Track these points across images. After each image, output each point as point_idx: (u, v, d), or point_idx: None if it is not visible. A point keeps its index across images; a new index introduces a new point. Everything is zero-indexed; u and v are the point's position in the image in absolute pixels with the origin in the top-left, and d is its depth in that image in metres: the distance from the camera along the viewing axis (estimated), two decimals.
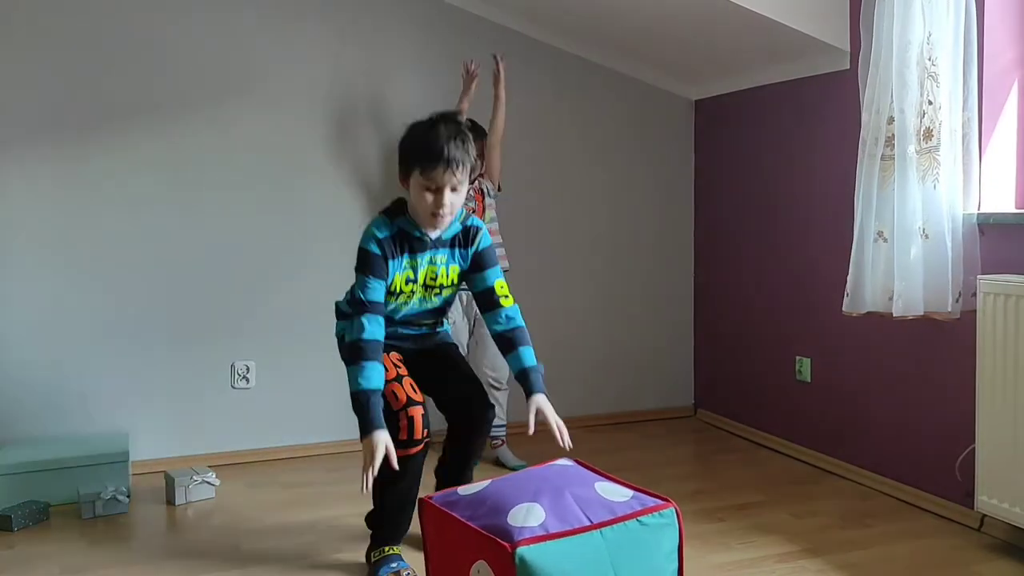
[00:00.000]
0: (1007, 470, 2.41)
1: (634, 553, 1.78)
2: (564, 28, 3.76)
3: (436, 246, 2.30)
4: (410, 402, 2.26)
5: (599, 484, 1.91)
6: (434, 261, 2.31)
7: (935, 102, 2.57)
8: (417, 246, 2.28)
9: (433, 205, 2.17)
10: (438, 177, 2.14)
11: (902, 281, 2.62)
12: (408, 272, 2.28)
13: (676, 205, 4.10)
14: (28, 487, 2.85)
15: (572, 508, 1.79)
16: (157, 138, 3.28)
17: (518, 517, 1.75)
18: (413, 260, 2.28)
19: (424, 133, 2.18)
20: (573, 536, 1.72)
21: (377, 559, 2.38)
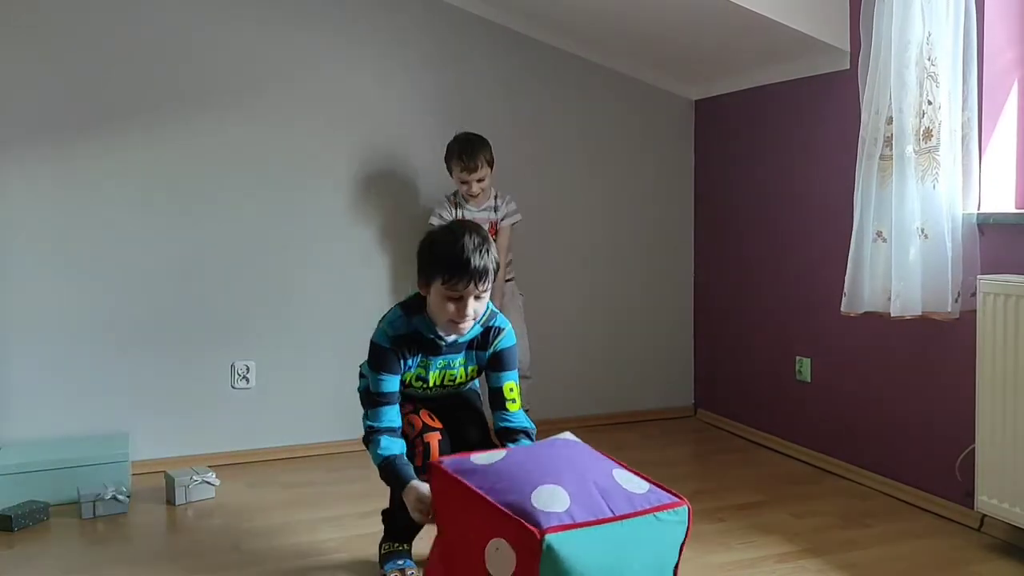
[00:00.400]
0: (1007, 470, 2.41)
1: (646, 547, 1.77)
2: (564, 28, 3.76)
3: (452, 351, 2.26)
4: (426, 428, 2.26)
5: (616, 472, 1.87)
6: (450, 365, 2.28)
7: (935, 102, 2.57)
8: (431, 349, 2.24)
9: (456, 315, 2.11)
10: (462, 288, 2.09)
11: (901, 281, 2.62)
12: (420, 371, 2.26)
13: (676, 205, 4.10)
14: (28, 487, 2.85)
15: (595, 497, 1.75)
16: (158, 139, 3.28)
17: (543, 499, 1.70)
18: (426, 360, 2.25)
19: (450, 245, 2.10)
20: (597, 527, 1.69)
21: (387, 552, 2.42)
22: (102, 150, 3.21)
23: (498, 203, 3.42)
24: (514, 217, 3.45)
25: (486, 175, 3.34)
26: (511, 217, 3.44)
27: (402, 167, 3.62)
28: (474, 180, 3.31)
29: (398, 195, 3.60)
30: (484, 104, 3.69)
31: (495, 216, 3.41)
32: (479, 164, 3.30)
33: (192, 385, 3.36)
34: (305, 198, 3.47)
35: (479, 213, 3.38)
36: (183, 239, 3.32)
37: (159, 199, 3.29)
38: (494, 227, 3.41)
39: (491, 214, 3.41)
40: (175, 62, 3.28)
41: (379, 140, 3.56)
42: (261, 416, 3.45)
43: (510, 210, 3.44)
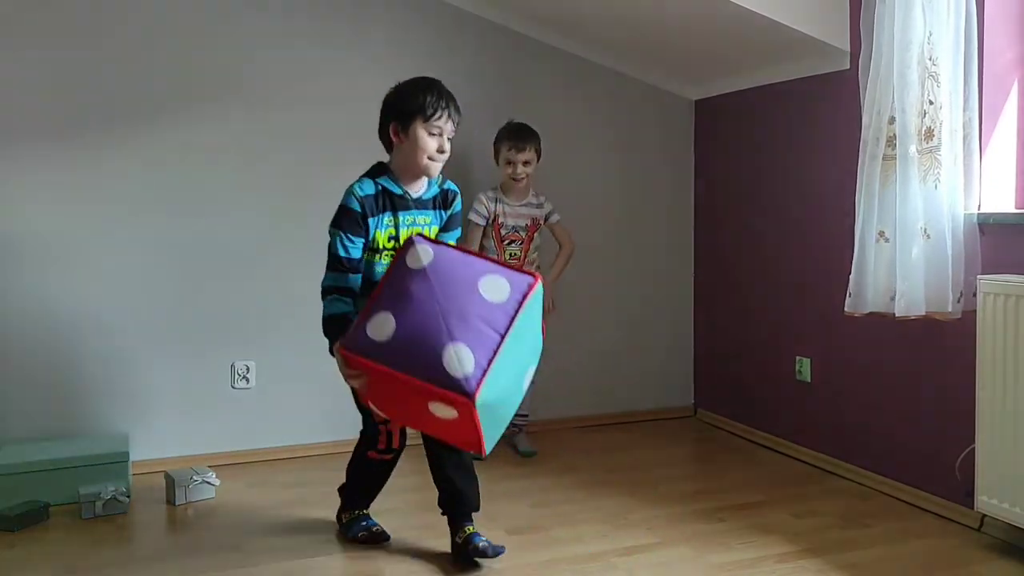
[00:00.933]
0: (1007, 470, 2.41)
1: (526, 332, 2.13)
2: (564, 28, 3.76)
3: (419, 206, 2.43)
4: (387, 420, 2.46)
5: (481, 285, 2.10)
6: (417, 222, 2.43)
7: (936, 102, 2.57)
8: (399, 204, 2.40)
9: (436, 151, 2.36)
10: (443, 123, 2.36)
11: (904, 281, 2.62)
12: (391, 230, 2.40)
13: (676, 205, 4.10)
14: (28, 487, 2.85)
15: (483, 331, 2.04)
16: (159, 139, 3.28)
17: (453, 365, 1.98)
18: (396, 218, 2.40)
19: (428, 86, 2.39)
20: (497, 357, 2.02)
21: (349, 520, 2.63)
22: (102, 150, 3.21)
23: (540, 200, 3.47)
24: (554, 216, 3.51)
25: (532, 160, 3.37)
26: (552, 216, 3.50)
27: None
28: (520, 161, 3.33)
29: None
30: (484, 104, 3.69)
31: (537, 212, 3.44)
32: (528, 145, 3.35)
33: (192, 385, 3.36)
34: (306, 198, 3.46)
35: (520, 207, 3.41)
36: (183, 239, 3.32)
37: (159, 199, 3.29)
38: (535, 224, 3.44)
39: (533, 210, 3.44)
40: (176, 62, 3.28)
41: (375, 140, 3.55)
42: (261, 416, 3.45)
43: (548, 208, 3.49)
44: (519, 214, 3.41)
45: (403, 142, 2.38)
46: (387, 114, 2.42)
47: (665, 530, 2.68)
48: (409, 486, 3.13)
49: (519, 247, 3.42)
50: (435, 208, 2.48)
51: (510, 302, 2.10)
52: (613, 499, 2.97)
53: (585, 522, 2.75)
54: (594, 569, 2.41)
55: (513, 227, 3.40)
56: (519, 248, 3.42)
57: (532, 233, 3.44)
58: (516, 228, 3.40)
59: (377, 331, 2.08)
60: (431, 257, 2.16)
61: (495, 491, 3.06)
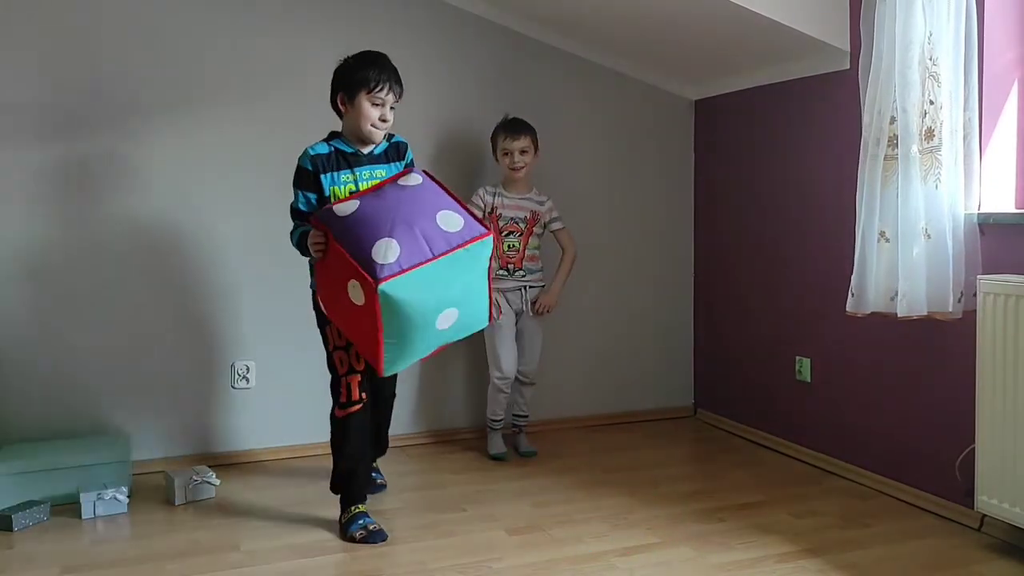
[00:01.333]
0: (1007, 470, 2.41)
1: (461, 274, 2.40)
2: (564, 28, 3.76)
3: (373, 161, 2.71)
4: (350, 371, 2.70)
5: (440, 214, 2.42)
6: (375, 175, 2.69)
7: (936, 102, 2.57)
8: (354, 161, 2.69)
9: (378, 120, 2.64)
10: (384, 95, 2.63)
11: (906, 281, 2.62)
12: (350, 185, 2.67)
13: (676, 205, 4.10)
14: (28, 487, 2.85)
15: (419, 242, 2.33)
16: (159, 139, 3.28)
17: (379, 252, 2.29)
18: (354, 173, 2.67)
19: (373, 61, 2.66)
20: (420, 268, 2.30)
21: (346, 520, 2.68)
22: (103, 149, 3.21)
23: (541, 197, 3.46)
24: (557, 223, 3.50)
25: (530, 150, 3.38)
26: (555, 223, 3.49)
27: None
28: (517, 150, 3.34)
29: None
30: (484, 104, 3.69)
31: (538, 208, 3.44)
32: (523, 135, 3.36)
33: (192, 385, 3.36)
34: None
35: (520, 200, 3.42)
36: (183, 239, 3.32)
37: (160, 199, 3.29)
38: (535, 218, 3.43)
39: (533, 204, 3.44)
40: (176, 61, 3.28)
41: None
42: (261, 416, 3.45)
43: (555, 214, 3.48)
44: (518, 206, 3.41)
45: (349, 111, 2.67)
46: (336, 85, 2.70)
47: (665, 530, 2.68)
48: (409, 486, 3.13)
49: (518, 239, 3.41)
50: (389, 161, 2.75)
51: (455, 236, 2.38)
52: (613, 499, 2.96)
53: (585, 522, 2.75)
54: (594, 569, 2.41)
55: (512, 218, 3.39)
56: (518, 240, 3.41)
57: (531, 227, 3.43)
58: (515, 219, 3.40)
59: (341, 209, 2.44)
60: (417, 182, 2.52)
61: (495, 491, 3.06)
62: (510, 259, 3.40)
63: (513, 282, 3.40)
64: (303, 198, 2.67)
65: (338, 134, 2.73)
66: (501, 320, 3.39)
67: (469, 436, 3.68)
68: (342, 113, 2.70)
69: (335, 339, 2.71)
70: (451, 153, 3.65)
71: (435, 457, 3.49)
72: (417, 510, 2.88)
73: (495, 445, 3.48)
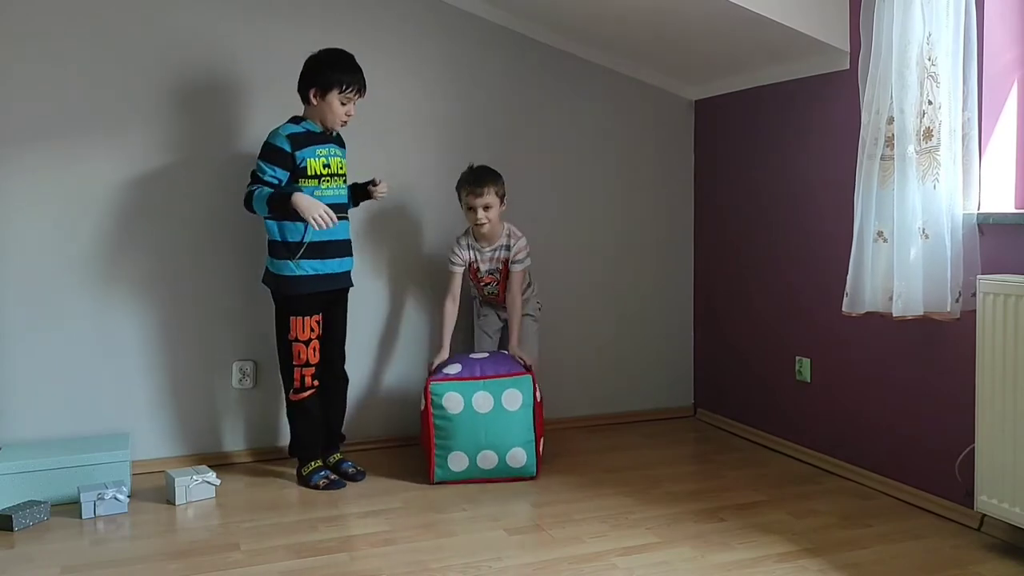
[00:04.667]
0: (1007, 470, 2.41)
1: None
2: (563, 28, 3.76)
3: (333, 142, 3.08)
4: (306, 364, 3.06)
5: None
6: (337, 154, 3.08)
7: (935, 102, 2.57)
8: (321, 139, 3.03)
9: (346, 115, 3.02)
10: (352, 95, 3.00)
11: (902, 281, 2.62)
12: (323, 159, 3.01)
13: (676, 205, 4.10)
14: (28, 487, 2.86)
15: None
16: (158, 139, 3.28)
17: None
18: (325, 149, 3.02)
19: (347, 64, 3.00)
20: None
21: (307, 473, 3.12)
22: (103, 149, 3.21)
23: (511, 242, 3.37)
24: (524, 263, 3.39)
25: (494, 204, 3.28)
26: (521, 263, 3.38)
27: (402, 169, 3.62)
28: (480, 206, 3.24)
29: (398, 197, 3.60)
30: (483, 105, 3.69)
31: (508, 254, 3.37)
32: (486, 190, 3.25)
33: (193, 385, 3.36)
34: None
35: (491, 252, 3.39)
36: (183, 238, 3.33)
37: (160, 199, 3.29)
38: (506, 266, 3.39)
39: (503, 252, 3.39)
40: (176, 61, 3.28)
41: (379, 142, 3.56)
42: (261, 416, 3.45)
43: (520, 255, 3.37)
44: (492, 259, 3.39)
45: (319, 103, 2.99)
46: (310, 78, 2.99)
47: (665, 530, 2.68)
48: (409, 486, 3.13)
49: (495, 286, 3.45)
50: (342, 146, 3.15)
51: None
52: (613, 499, 2.97)
53: (585, 522, 2.75)
54: (594, 569, 2.41)
55: (488, 271, 3.41)
56: (495, 287, 3.45)
57: (505, 270, 3.41)
58: (491, 271, 3.41)
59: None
60: None
61: (495, 491, 3.06)
62: (494, 299, 3.49)
63: (494, 315, 3.56)
64: (271, 173, 2.95)
65: (302, 118, 3.04)
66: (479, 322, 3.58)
67: None
68: (309, 101, 3.00)
69: (298, 331, 3.04)
70: (448, 154, 3.64)
71: None
72: (417, 510, 2.88)
73: None
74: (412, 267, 3.66)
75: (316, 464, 3.13)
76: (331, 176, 3.04)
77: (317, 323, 3.07)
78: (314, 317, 3.06)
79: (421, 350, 3.68)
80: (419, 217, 3.66)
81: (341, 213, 3.02)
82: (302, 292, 3.02)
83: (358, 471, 3.20)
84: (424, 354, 3.65)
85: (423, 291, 3.68)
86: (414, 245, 3.67)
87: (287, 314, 3.05)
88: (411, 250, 3.67)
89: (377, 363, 3.62)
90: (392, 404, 3.64)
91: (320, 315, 3.09)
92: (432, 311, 3.64)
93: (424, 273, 3.67)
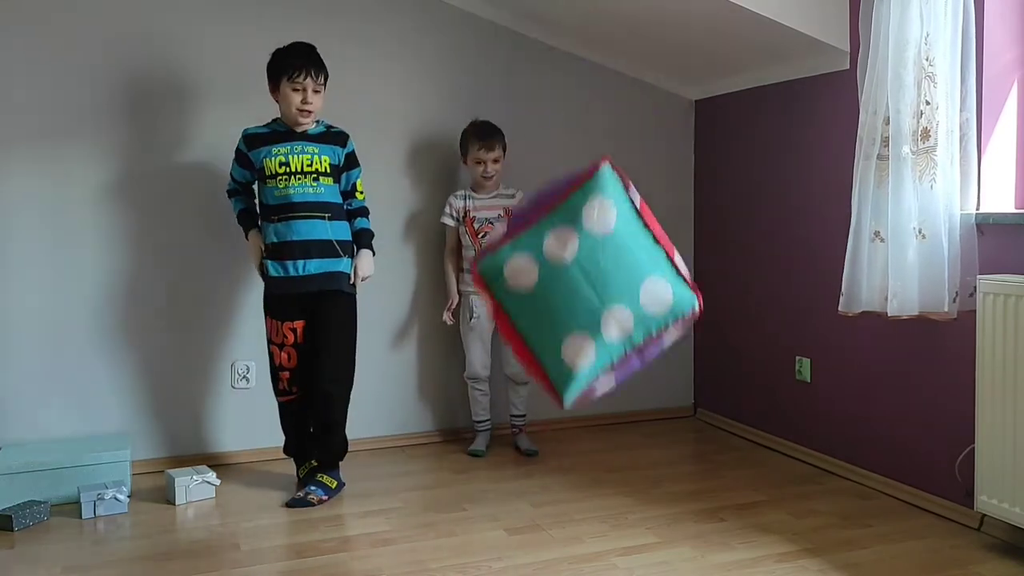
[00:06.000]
0: (1007, 470, 2.41)
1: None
2: (564, 28, 3.76)
3: (306, 139, 2.95)
4: (282, 367, 3.02)
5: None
6: (306, 151, 2.93)
7: (932, 102, 2.57)
8: (288, 137, 2.94)
9: (301, 103, 2.88)
10: (302, 80, 2.86)
11: (898, 281, 2.62)
12: (280, 157, 2.92)
13: (676, 205, 4.09)
14: (28, 487, 2.85)
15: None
16: (158, 139, 3.28)
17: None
18: (285, 147, 2.92)
19: (296, 49, 2.90)
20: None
21: (305, 472, 3.10)
22: (102, 150, 3.21)
23: (512, 191, 3.47)
24: None
25: (501, 158, 3.41)
26: None
27: (401, 167, 3.62)
28: (490, 159, 3.37)
29: (397, 194, 3.60)
30: (483, 104, 3.69)
31: (508, 202, 3.43)
32: (497, 143, 3.39)
33: (192, 385, 3.36)
34: None
35: (491, 200, 3.43)
36: (183, 239, 3.33)
37: (160, 199, 3.29)
38: (508, 213, 3.37)
39: (504, 200, 3.44)
40: (176, 61, 3.28)
41: (378, 139, 3.55)
42: (261, 416, 3.44)
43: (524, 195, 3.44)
44: (490, 206, 3.43)
45: (278, 99, 2.93)
46: (268, 73, 2.94)
47: (665, 530, 2.68)
48: (409, 486, 3.13)
49: None
50: (325, 143, 2.97)
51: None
52: (613, 499, 2.97)
53: (585, 522, 2.75)
54: (594, 569, 2.41)
55: (487, 219, 3.41)
56: None
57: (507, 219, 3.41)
58: (490, 219, 3.41)
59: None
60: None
61: (495, 491, 3.06)
62: None
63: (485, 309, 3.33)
64: (236, 172, 3.04)
65: (278, 119, 2.99)
66: (473, 323, 3.45)
67: (469, 436, 3.67)
68: (275, 99, 2.95)
69: (272, 333, 3.01)
70: (448, 153, 3.64)
71: (435, 457, 3.49)
72: (417, 510, 2.88)
73: (475, 443, 3.53)
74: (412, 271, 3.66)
75: (312, 464, 3.10)
76: (294, 175, 2.90)
77: (291, 330, 2.98)
78: (287, 324, 2.97)
79: (421, 350, 3.68)
80: (418, 218, 3.65)
81: (317, 212, 2.92)
82: (270, 292, 2.99)
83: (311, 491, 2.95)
84: (424, 354, 3.65)
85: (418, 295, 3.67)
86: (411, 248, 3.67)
87: (264, 311, 3.04)
88: (412, 251, 3.66)
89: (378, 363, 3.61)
90: (393, 402, 3.64)
91: (298, 322, 2.98)
92: (424, 315, 3.64)
93: (420, 281, 3.67)
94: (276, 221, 2.93)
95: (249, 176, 3.01)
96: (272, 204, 2.94)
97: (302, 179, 2.92)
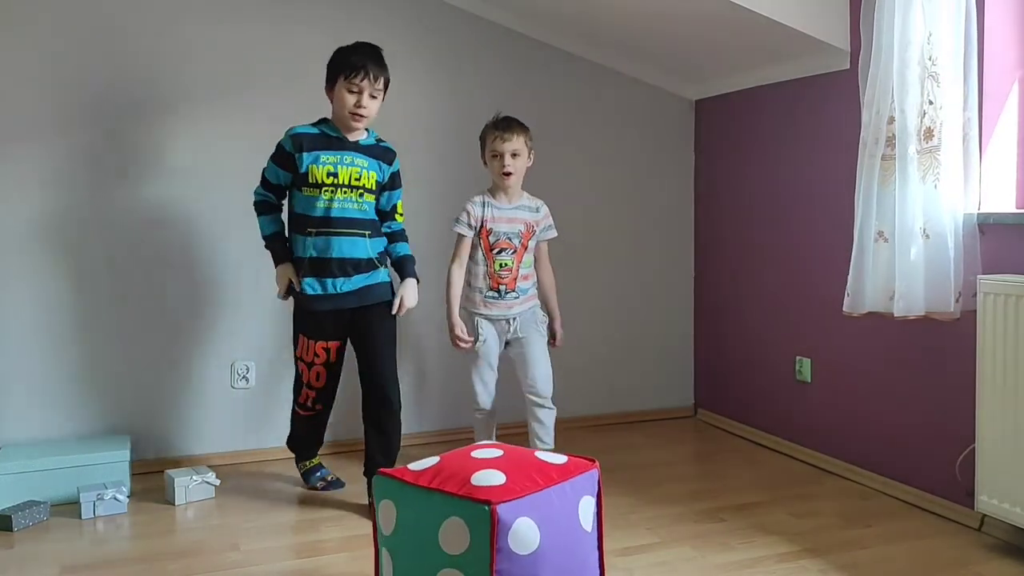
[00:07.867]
0: (1007, 470, 2.41)
1: None
2: (564, 28, 3.76)
3: (356, 150, 2.78)
4: (308, 385, 2.93)
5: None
6: (355, 163, 2.76)
7: (936, 102, 2.57)
8: (337, 144, 2.76)
9: (355, 106, 2.70)
10: (359, 81, 2.68)
11: (903, 281, 2.62)
12: (328, 167, 2.73)
13: (676, 205, 4.10)
14: (28, 487, 2.85)
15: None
16: (158, 140, 3.28)
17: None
18: (334, 156, 2.74)
19: (350, 49, 2.73)
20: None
21: (306, 469, 3.11)
22: (101, 149, 3.21)
23: (535, 204, 3.06)
24: (550, 232, 3.11)
25: (522, 153, 2.96)
26: (553, 230, 3.11)
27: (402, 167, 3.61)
28: (508, 152, 2.92)
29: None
30: (483, 104, 3.67)
31: (532, 217, 3.03)
32: (515, 136, 2.94)
33: (192, 385, 3.36)
34: None
35: (512, 211, 3.00)
36: (183, 239, 3.33)
37: (160, 199, 3.29)
38: (531, 231, 3.03)
39: (528, 214, 3.03)
40: (175, 61, 3.28)
41: None
42: (261, 416, 3.45)
43: (550, 220, 3.10)
44: (511, 218, 2.99)
45: (332, 98, 2.76)
46: (328, 71, 2.77)
47: (665, 530, 2.68)
48: None
49: (511, 256, 2.98)
50: (374, 157, 2.81)
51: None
52: (613, 499, 2.96)
53: None
54: None
55: (505, 234, 2.97)
56: (511, 257, 2.98)
57: (526, 241, 3.01)
58: (508, 235, 2.97)
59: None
60: None
61: None
62: (502, 280, 2.97)
63: (504, 305, 2.99)
64: (273, 171, 2.79)
65: (327, 120, 2.82)
66: (480, 349, 3.02)
67: (471, 436, 3.67)
68: (330, 99, 2.79)
69: (303, 351, 2.90)
70: (448, 154, 3.64)
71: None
72: None
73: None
74: None
75: (314, 463, 3.11)
76: (340, 187, 2.72)
77: (324, 349, 2.85)
78: (320, 343, 2.84)
79: (422, 350, 3.67)
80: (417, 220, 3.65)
81: (359, 230, 2.77)
82: (306, 309, 2.81)
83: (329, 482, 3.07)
84: (424, 354, 3.65)
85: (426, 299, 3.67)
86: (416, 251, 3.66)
87: (295, 328, 2.92)
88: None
89: None
90: None
91: (332, 342, 2.86)
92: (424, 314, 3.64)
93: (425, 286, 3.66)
94: (314, 235, 2.73)
95: (285, 179, 2.77)
96: (311, 216, 2.73)
97: (348, 193, 2.74)
